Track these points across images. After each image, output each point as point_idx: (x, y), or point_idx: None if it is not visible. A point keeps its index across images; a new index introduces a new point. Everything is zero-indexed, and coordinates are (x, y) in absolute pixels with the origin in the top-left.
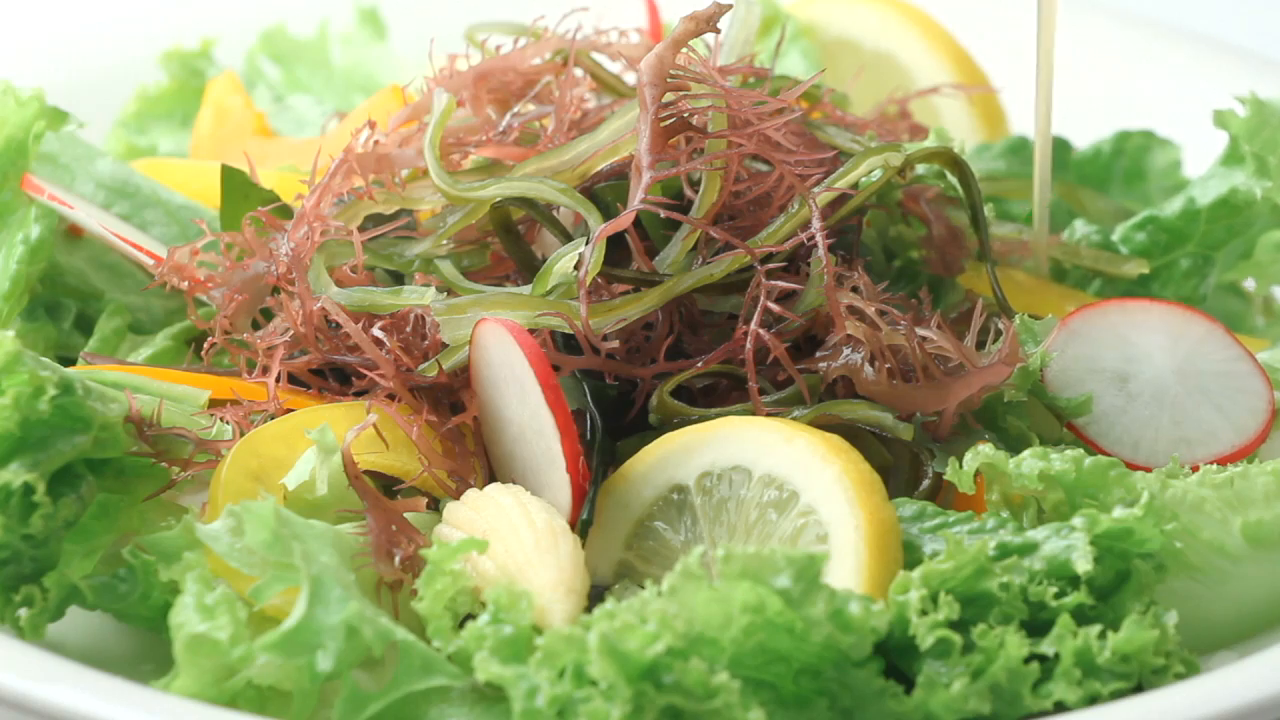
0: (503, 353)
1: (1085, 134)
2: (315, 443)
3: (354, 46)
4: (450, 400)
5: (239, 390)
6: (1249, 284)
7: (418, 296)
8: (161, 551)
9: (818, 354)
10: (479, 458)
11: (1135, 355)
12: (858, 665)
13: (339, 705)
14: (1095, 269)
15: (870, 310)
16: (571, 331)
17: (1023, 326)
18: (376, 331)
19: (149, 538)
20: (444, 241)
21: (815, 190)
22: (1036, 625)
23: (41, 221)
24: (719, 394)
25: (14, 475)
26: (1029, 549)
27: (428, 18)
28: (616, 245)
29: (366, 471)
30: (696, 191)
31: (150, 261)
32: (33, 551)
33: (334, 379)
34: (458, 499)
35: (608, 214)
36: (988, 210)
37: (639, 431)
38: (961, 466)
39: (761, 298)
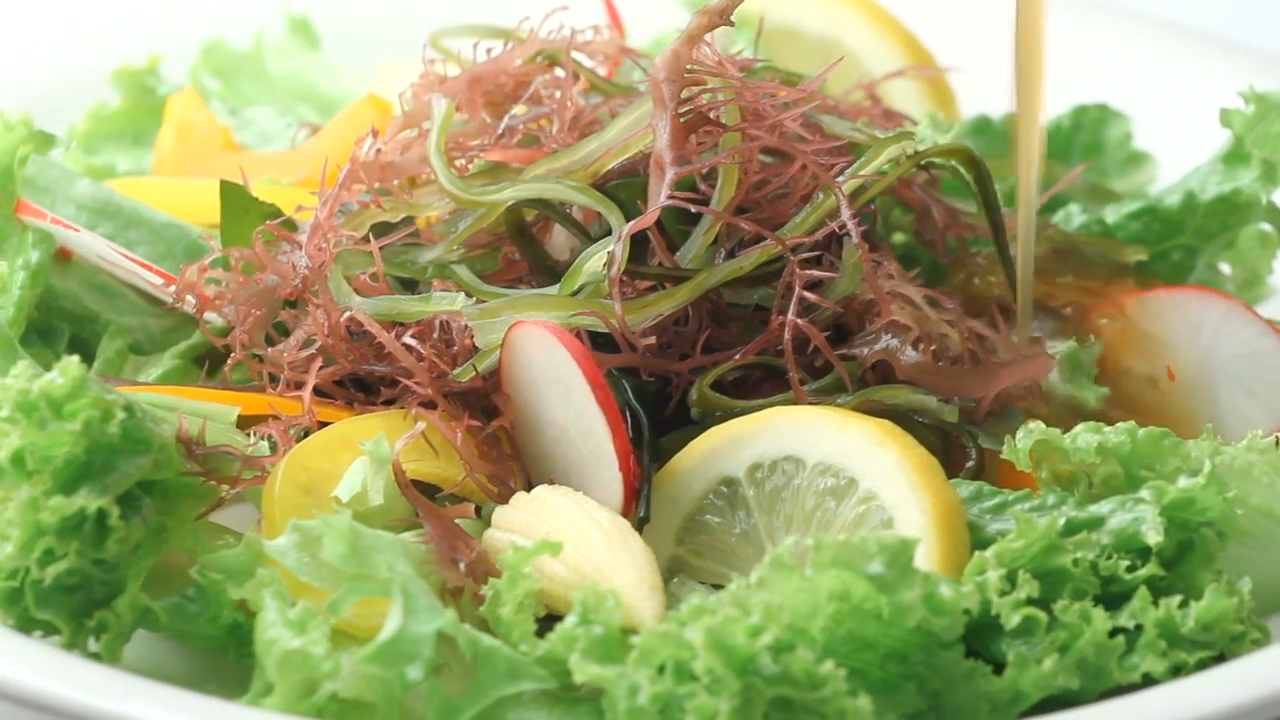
0: (545, 354)
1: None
2: (366, 453)
3: (288, 57)
4: (481, 405)
5: (277, 405)
6: (1225, 268)
7: (448, 303)
8: (228, 570)
9: (856, 340)
10: (516, 460)
11: (1161, 353)
12: (945, 647)
13: (431, 715)
14: (1096, 254)
15: (918, 296)
16: (601, 330)
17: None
18: (408, 339)
19: (214, 557)
20: (455, 247)
21: (839, 180)
22: (1107, 599)
23: (40, 246)
24: (750, 385)
25: (88, 500)
26: (1096, 523)
27: (359, 26)
28: (634, 242)
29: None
30: (710, 186)
31: (159, 281)
32: (104, 576)
33: (354, 389)
34: (500, 503)
35: (623, 212)
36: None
37: (676, 427)
38: (1017, 445)
39: (797, 288)
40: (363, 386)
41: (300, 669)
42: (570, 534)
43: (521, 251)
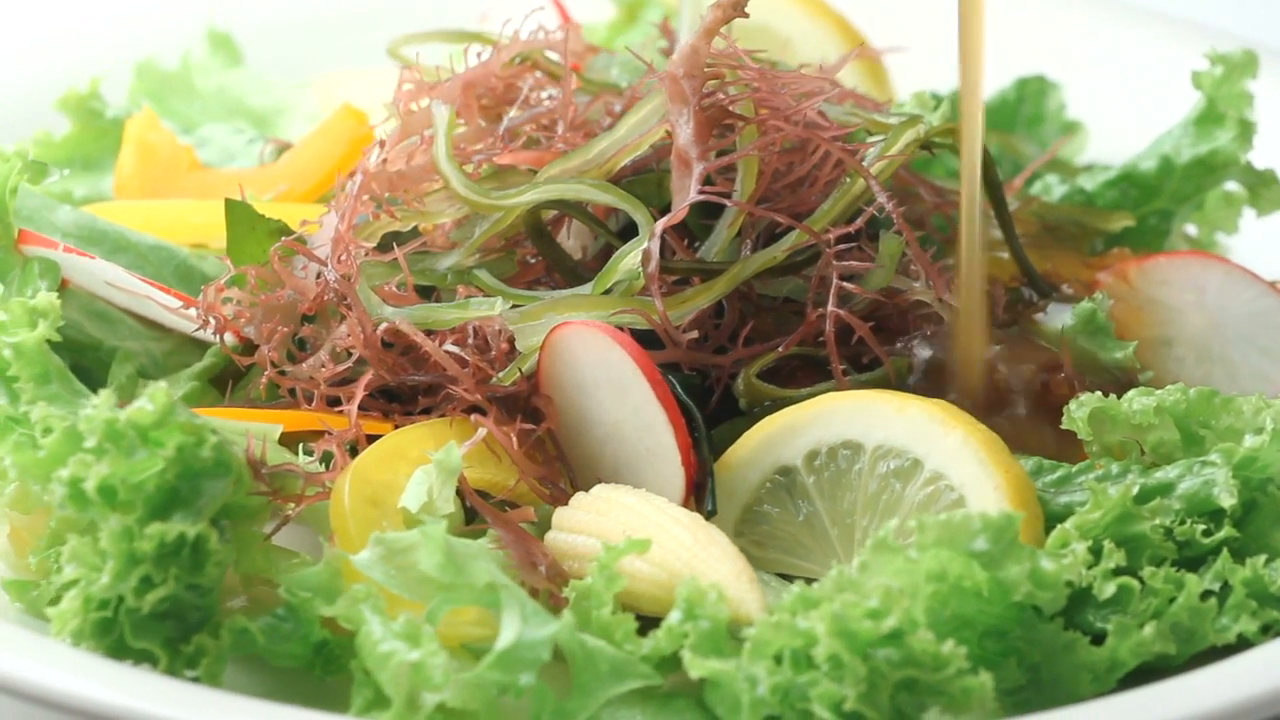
0: (597, 354)
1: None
2: (427, 463)
3: (212, 73)
4: (521, 407)
5: (329, 421)
6: (1191, 230)
7: (488, 307)
8: (313, 588)
9: (911, 340)
10: (561, 461)
11: (1170, 318)
12: (1044, 621)
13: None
14: (1082, 225)
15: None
16: (639, 327)
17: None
18: (450, 346)
19: (298, 576)
20: (473, 252)
21: (865, 165)
22: (1183, 564)
23: (47, 276)
24: (785, 376)
25: (186, 526)
26: (1167, 489)
27: (275, 37)
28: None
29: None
30: (726, 179)
31: (176, 304)
32: (198, 601)
33: (384, 400)
34: (551, 505)
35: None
36: None
37: (719, 420)
38: (1074, 414)
39: (834, 279)
40: (391, 397)
41: (416, 680)
42: (650, 531)
43: (542, 253)
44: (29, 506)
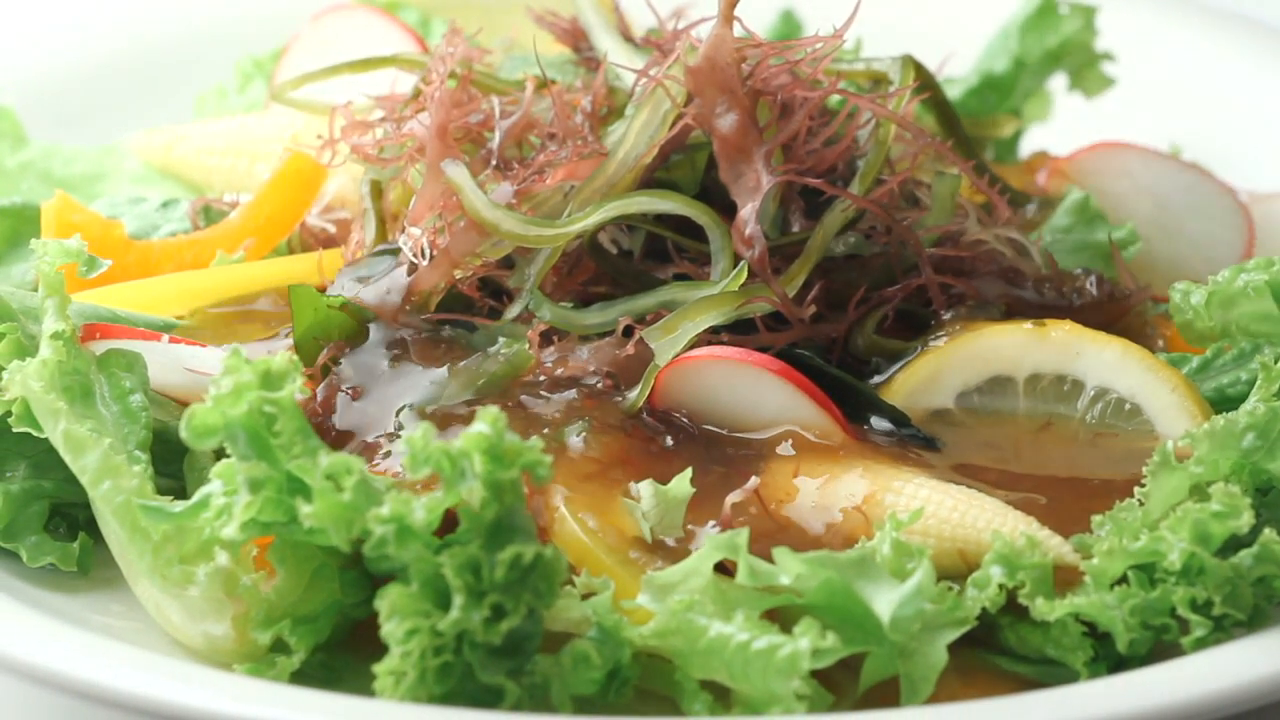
0: (748, 380)
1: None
2: (660, 493)
3: (5, 154)
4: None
5: None
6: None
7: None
8: (614, 609)
9: (979, 281)
10: None
11: (1119, 204)
12: None
13: (906, 690)
14: (977, 135)
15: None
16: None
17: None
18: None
19: (596, 600)
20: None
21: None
22: None
23: (135, 370)
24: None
25: (538, 547)
26: None
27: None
28: (684, 228)
29: None
30: None
31: None
32: (533, 628)
33: None
34: None
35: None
36: None
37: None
38: (1192, 301)
39: (906, 233)
40: None
41: (791, 668)
42: (908, 504)
43: (603, 267)
44: (233, 588)
